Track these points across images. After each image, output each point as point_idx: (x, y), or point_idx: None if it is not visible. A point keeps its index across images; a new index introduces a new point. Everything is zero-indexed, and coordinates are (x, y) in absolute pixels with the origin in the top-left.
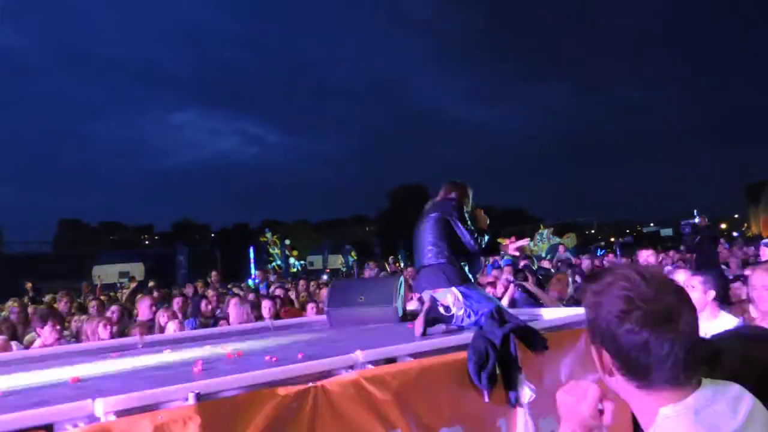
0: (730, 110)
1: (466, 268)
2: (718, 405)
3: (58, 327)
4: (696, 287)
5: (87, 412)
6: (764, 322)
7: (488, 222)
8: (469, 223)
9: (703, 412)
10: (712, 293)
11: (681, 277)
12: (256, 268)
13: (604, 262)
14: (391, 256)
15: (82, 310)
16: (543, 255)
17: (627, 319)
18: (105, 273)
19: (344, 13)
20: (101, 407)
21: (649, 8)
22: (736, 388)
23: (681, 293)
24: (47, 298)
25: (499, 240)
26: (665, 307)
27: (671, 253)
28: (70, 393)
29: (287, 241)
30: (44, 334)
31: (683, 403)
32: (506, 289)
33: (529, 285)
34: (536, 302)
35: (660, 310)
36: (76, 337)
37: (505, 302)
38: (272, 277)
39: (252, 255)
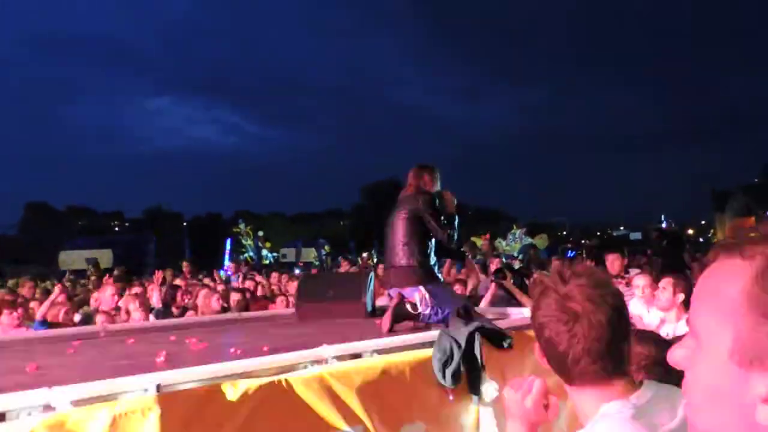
0: (704, 116)
1: (435, 268)
2: (658, 406)
3: (16, 314)
4: (667, 288)
5: (43, 401)
6: None
7: (456, 203)
8: (442, 218)
9: (642, 411)
10: (682, 296)
11: (642, 281)
12: (230, 260)
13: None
14: (365, 252)
15: (47, 294)
16: (515, 254)
17: (538, 317)
18: (72, 259)
19: (324, 6)
20: (58, 396)
21: (624, 15)
22: (675, 390)
23: (592, 297)
24: (10, 283)
25: (473, 239)
26: (569, 308)
27: (638, 256)
28: (27, 381)
29: (260, 233)
30: (2, 321)
31: (623, 401)
32: (474, 287)
33: (507, 283)
34: (515, 301)
35: (561, 311)
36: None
37: (485, 301)
38: (243, 269)
39: (228, 246)
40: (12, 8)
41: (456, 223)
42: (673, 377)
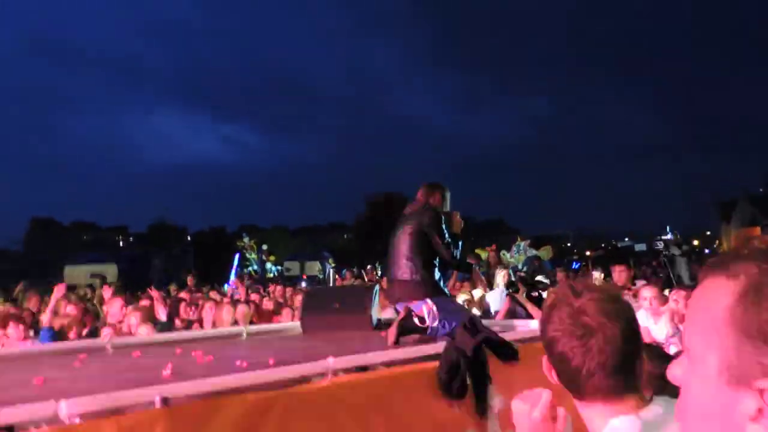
0: (707, 125)
1: (441, 282)
2: (669, 420)
3: (22, 326)
4: (679, 301)
5: (50, 414)
6: None
7: (462, 226)
8: (446, 235)
9: (651, 427)
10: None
11: (649, 293)
12: (236, 275)
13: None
14: (369, 265)
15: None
16: (519, 267)
17: (550, 331)
18: (76, 274)
19: (326, 19)
20: (65, 409)
21: (627, 24)
22: None
23: (606, 311)
24: (20, 297)
25: (478, 251)
26: (582, 323)
27: (643, 268)
28: (34, 394)
29: (264, 246)
30: (9, 335)
31: (632, 416)
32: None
33: (520, 296)
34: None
35: (575, 326)
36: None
37: (501, 315)
38: (246, 283)
39: (236, 261)
40: (14, 17)
41: (460, 243)
42: (669, 391)
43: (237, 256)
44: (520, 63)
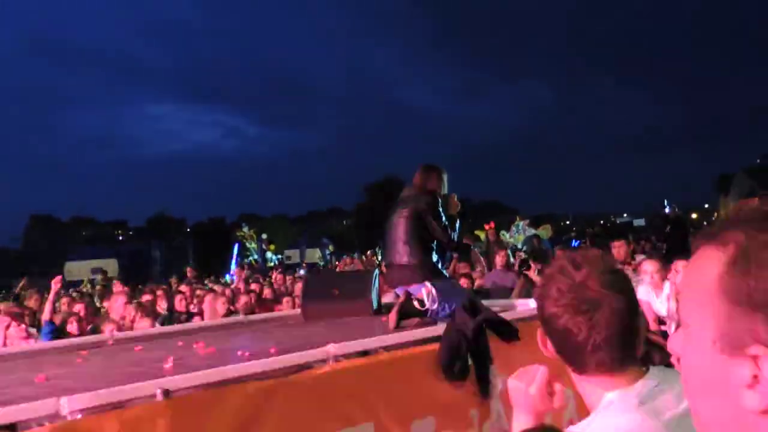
0: (704, 106)
1: (439, 264)
2: (664, 391)
3: (24, 325)
4: (681, 272)
5: (52, 411)
6: None
7: (459, 208)
8: (443, 218)
9: (648, 399)
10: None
11: (651, 267)
12: (236, 265)
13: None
14: (369, 250)
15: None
16: (519, 246)
17: (552, 305)
18: (77, 270)
19: (325, 8)
20: (66, 405)
21: (626, 9)
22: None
23: (609, 282)
24: (19, 291)
25: (477, 232)
26: (586, 296)
27: (642, 243)
28: (35, 392)
29: (264, 236)
30: (10, 333)
31: (628, 388)
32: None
33: (531, 273)
34: None
35: (581, 298)
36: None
37: (515, 293)
38: (247, 272)
39: (236, 251)
40: (13, 17)
41: (457, 225)
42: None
43: (236, 246)
44: (518, 50)
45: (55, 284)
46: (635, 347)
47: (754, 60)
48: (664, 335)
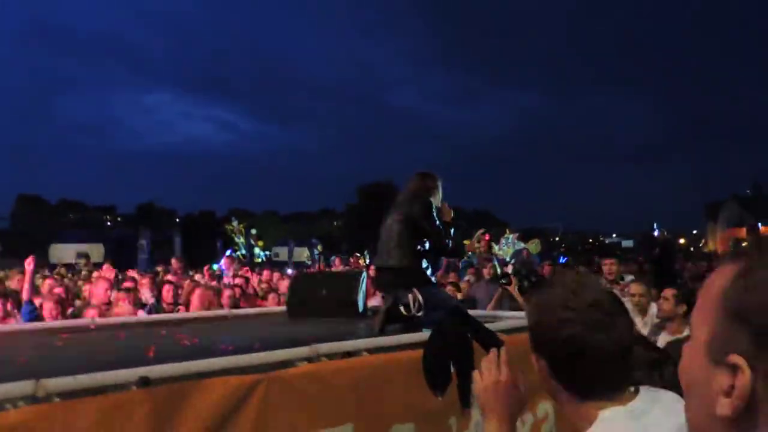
0: (697, 129)
1: (428, 271)
2: (655, 410)
3: (6, 306)
4: (669, 299)
5: (28, 393)
6: None
7: (452, 215)
8: (437, 223)
9: (640, 417)
10: (684, 307)
11: (638, 290)
12: (225, 256)
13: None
14: (357, 253)
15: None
16: (508, 259)
17: (564, 328)
18: (62, 252)
19: (322, 8)
20: (44, 388)
21: (623, 18)
22: (672, 395)
23: (615, 303)
24: (0, 274)
25: (465, 242)
26: (599, 317)
27: (630, 264)
28: (13, 373)
29: (253, 231)
30: None
31: (622, 407)
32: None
33: (511, 289)
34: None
35: (594, 319)
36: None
37: (491, 306)
38: (236, 265)
39: (219, 246)
40: (12, 2)
41: (452, 231)
42: (654, 380)
43: (219, 244)
44: (512, 58)
45: (28, 264)
46: (632, 367)
47: (751, 78)
48: None
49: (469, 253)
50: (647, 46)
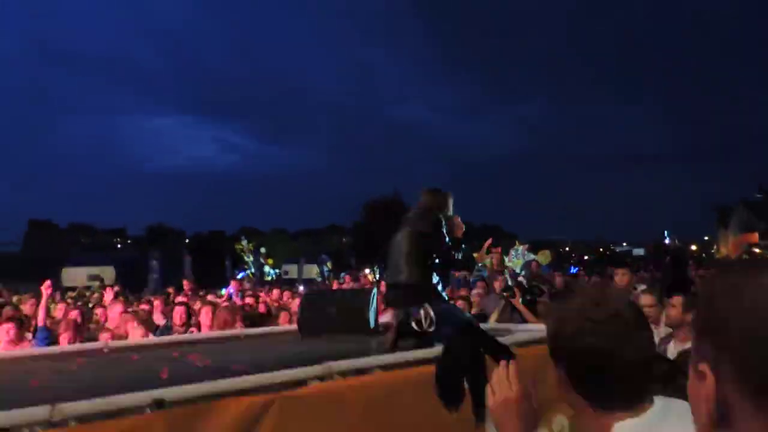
0: (706, 135)
1: (439, 287)
2: (670, 421)
3: (19, 331)
4: (676, 306)
5: (44, 418)
6: None
7: (464, 230)
8: (447, 239)
9: (657, 428)
10: (692, 315)
11: (647, 300)
12: (231, 278)
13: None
14: (367, 269)
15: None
16: (518, 271)
17: (584, 339)
18: (74, 276)
19: (326, 25)
20: (59, 413)
21: (629, 27)
22: (686, 404)
23: (635, 314)
24: (14, 299)
25: (474, 255)
26: (620, 325)
27: (641, 273)
28: (29, 398)
29: (263, 250)
30: (5, 338)
31: (638, 419)
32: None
33: (516, 302)
34: (523, 318)
35: (613, 331)
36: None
37: (494, 318)
38: (246, 285)
39: (228, 265)
40: (14, 24)
41: (462, 247)
42: (669, 392)
43: (228, 263)
44: (517, 71)
45: (46, 290)
46: (651, 380)
47: (756, 84)
48: None
49: (479, 264)
50: (652, 52)
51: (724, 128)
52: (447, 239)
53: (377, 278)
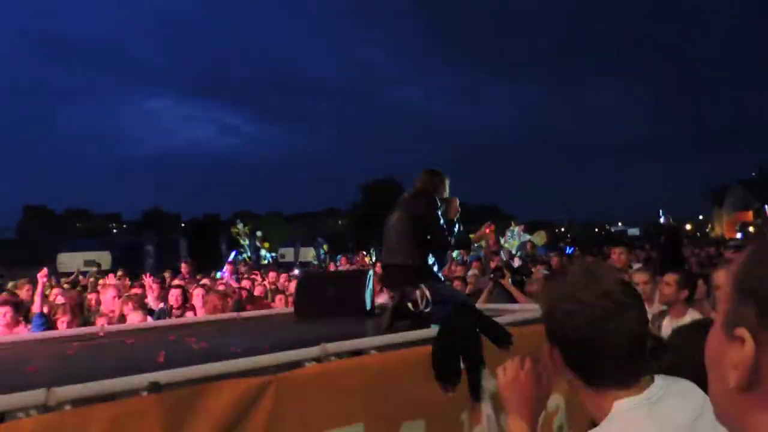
0: (702, 120)
1: (435, 268)
2: (671, 399)
3: (15, 315)
4: (671, 284)
5: (40, 402)
6: None
7: (459, 212)
8: (441, 221)
9: (656, 407)
10: (685, 292)
11: (642, 277)
12: (227, 262)
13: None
14: (363, 251)
15: (46, 296)
16: (514, 252)
17: (573, 318)
18: (70, 261)
19: (322, 8)
20: (55, 397)
21: (627, 11)
22: (686, 383)
23: (627, 291)
24: (9, 285)
25: (471, 236)
26: (609, 305)
27: (637, 251)
28: (25, 382)
29: (259, 233)
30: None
31: (637, 397)
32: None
33: (505, 282)
34: (512, 299)
35: (604, 308)
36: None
37: (483, 298)
38: (243, 269)
39: (224, 249)
40: (9, 10)
41: (455, 229)
42: (654, 366)
43: (234, 253)
44: (514, 53)
45: (42, 277)
46: (646, 356)
47: (753, 69)
48: None
49: (475, 245)
50: (646, 36)
51: (727, 111)
52: (441, 221)
53: (373, 260)
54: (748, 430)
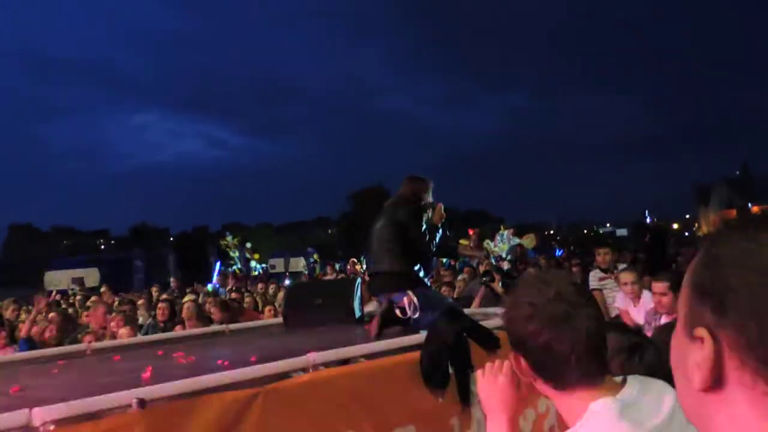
0: (688, 122)
1: (421, 273)
2: (644, 400)
3: (2, 334)
4: (665, 293)
5: (23, 422)
6: None
7: (444, 218)
8: (423, 228)
9: (629, 407)
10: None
11: (628, 277)
12: (218, 274)
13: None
14: (354, 259)
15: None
16: (504, 256)
17: (530, 323)
18: (57, 279)
19: (308, 17)
20: (39, 416)
21: (609, 17)
22: (660, 384)
23: (579, 291)
24: None
25: (461, 241)
26: (562, 306)
27: (624, 252)
28: (8, 403)
29: (248, 245)
30: None
31: (612, 398)
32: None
33: (495, 286)
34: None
35: (557, 311)
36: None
37: (476, 304)
38: (231, 281)
39: (218, 268)
40: None
41: (438, 234)
42: (635, 365)
43: (213, 259)
44: (500, 58)
45: (38, 303)
46: (606, 355)
47: (737, 69)
48: None
49: (465, 258)
50: (633, 39)
51: (709, 112)
52: (423, 228)
53: (364, 268)
54: (714, 429)
